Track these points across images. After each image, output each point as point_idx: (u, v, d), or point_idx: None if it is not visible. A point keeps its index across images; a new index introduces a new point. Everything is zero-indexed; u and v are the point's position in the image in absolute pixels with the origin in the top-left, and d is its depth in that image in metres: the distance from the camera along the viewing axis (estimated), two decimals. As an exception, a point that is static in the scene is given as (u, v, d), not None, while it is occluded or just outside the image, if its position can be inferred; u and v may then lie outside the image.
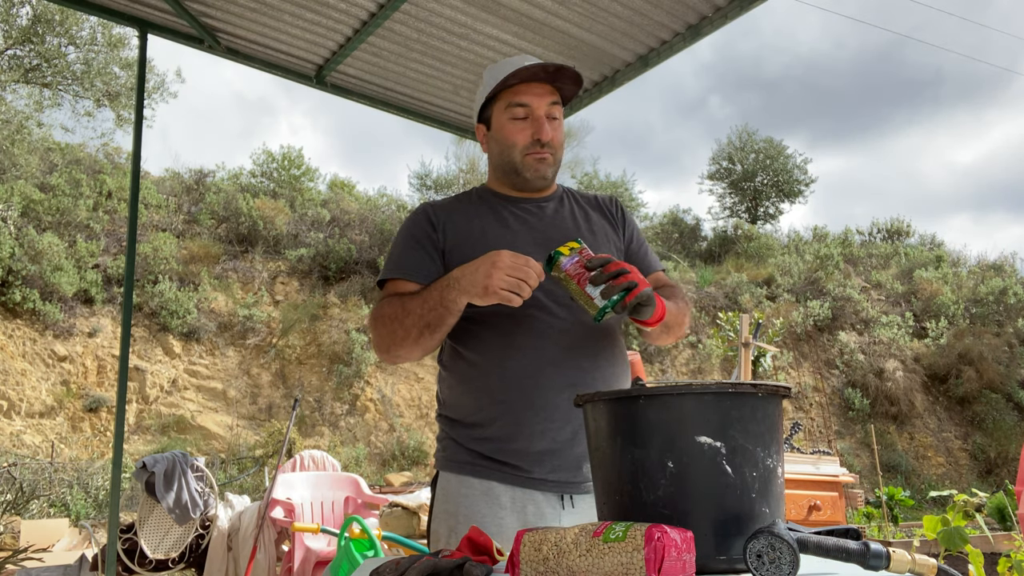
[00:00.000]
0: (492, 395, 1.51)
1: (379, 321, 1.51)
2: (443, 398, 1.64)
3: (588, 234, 1.63)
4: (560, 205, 1.68)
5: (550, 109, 1.57)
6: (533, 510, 1.48)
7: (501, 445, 1.50)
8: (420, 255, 1.57)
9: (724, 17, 3.44)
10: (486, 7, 3.49)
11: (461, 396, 1.57)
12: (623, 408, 1.08)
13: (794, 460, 3.97)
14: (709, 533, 0.98)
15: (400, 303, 1.48)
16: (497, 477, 1.50)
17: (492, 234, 1.57)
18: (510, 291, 1.33)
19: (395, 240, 1.64)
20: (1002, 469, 13.61)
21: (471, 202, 1.65)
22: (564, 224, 1.63)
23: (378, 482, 8.99)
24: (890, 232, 21.46)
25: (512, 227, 1.59)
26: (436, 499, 1.57)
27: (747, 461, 1.01)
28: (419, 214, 1.64)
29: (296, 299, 12.99)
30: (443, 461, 1.58)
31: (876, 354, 15.16)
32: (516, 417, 1.49)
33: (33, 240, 10.88)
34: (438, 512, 1.55)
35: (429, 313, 1.43)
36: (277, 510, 4.57)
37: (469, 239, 1.56)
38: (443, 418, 1.62)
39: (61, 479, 8.33)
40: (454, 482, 1.53)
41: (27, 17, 13.31)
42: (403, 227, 1.64)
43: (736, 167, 23.13)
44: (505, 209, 1.63)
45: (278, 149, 16.31)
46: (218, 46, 3.93)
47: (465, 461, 1.53)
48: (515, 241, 1.55)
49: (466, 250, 1.52)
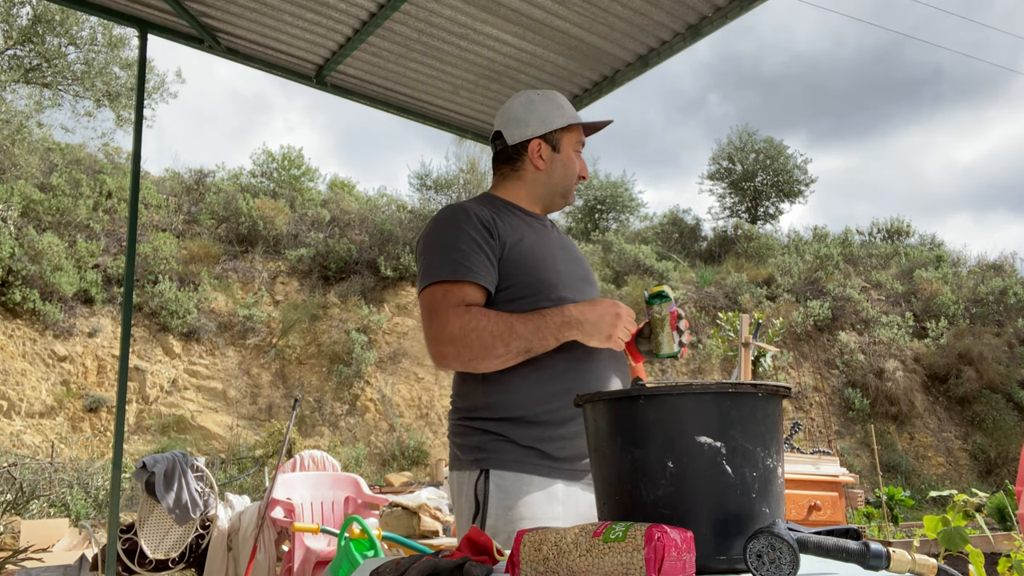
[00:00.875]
0: (566, 396, 1.56)
1: (477, 335, 1.51)
2: (489, 400, 1.61)
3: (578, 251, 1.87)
4: (551, 224, 1.86)
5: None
6: (586, 508, 1.54)
7: (569, 443, 1.56)
8: (483, 259, 1.60)
9: (724, 17, 3.44)
10: (486, 7, 3.49)
11: (525, 395, 1.58)
12: (623, 408, 1.08)
13: (794, 460, 3.96)
14: (709, 533, 0.98)
15: (505, 322, 1.52)
16: (558, 475, 1.55)
17: (544, 252, 1.69)
18: (623, 340, 1.54)
19: (449, 239, 1.62)
20: (1002, 469, 13.61)
21: (506, 212, 1.73)
22: (568, 242, 1.84)
23: (378, 482, 8.99)
24: (890, 232, 21.46)
25: (551, 245, 1.73)
26: (491, 497, 1.55)
27: (747, 461, 1.01)
28: (470, 216, 1.65)
29: (296, 299, 12.99)
30: (495, 460, 1.57)
31: (876, 354, 15.17)
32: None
33: (33, 240, 10.88)
34: (496, 510, 1.53)
35: (538, 343, 1.52)
36: (277, 510, 4.57)
37: (530, 254, 1.66)
38: (487, 420, 1.61)
39: (61, 479, 8.33)
40: (512, 479, 1.54)
41: (27, 17, 13.31)
42: (455, 226, 1.63)
43: (736, 167, 23.13)
44: (538, 224, 1.77)
45: (278, 149, 16.32)
46: (218, 46, 3.93)
47: (522, 460, 1.55)
48: (558, 258, 1.70)
49: (531, 266, 1.64)
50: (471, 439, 1.62)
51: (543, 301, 1.61)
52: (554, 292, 1.63)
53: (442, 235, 1.63)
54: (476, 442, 1.61)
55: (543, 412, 1.57)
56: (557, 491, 1.55)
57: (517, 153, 1.79)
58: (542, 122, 1.77)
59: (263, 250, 13.67)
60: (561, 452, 1.56)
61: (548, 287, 1.64)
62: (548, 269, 1.66)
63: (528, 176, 1.78)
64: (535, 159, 1.77)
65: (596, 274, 9.03)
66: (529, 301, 1.60)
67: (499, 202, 1.76)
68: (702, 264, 18.35)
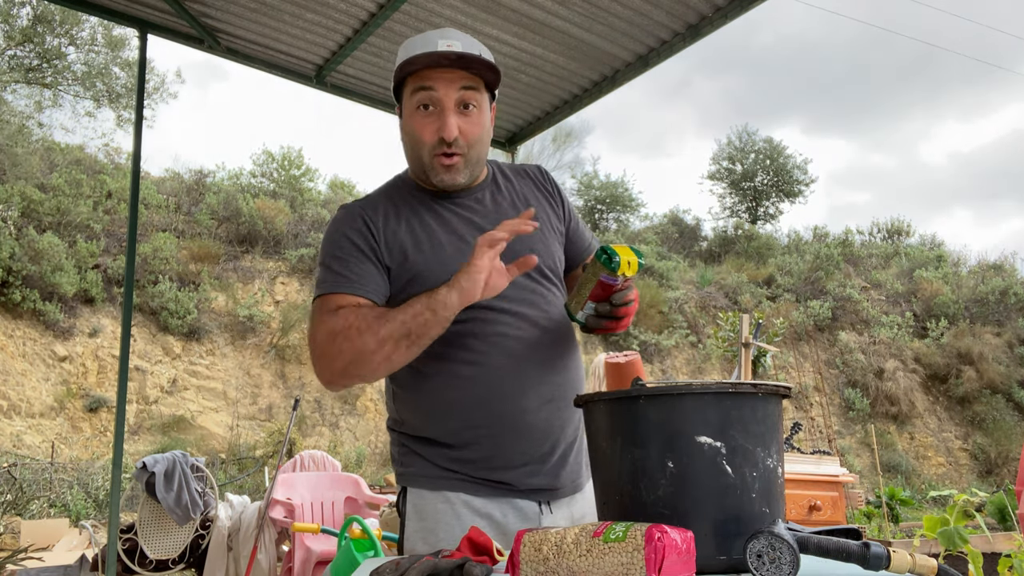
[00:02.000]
0: (466, 419, 1.40)
1: (335, 336, 1.30)
2: (401, 417, 1.50)
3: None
4: (497, 191, 1.53)
5: (463, 95, 1.39)
6: (514, 518, 1.43)
7: (480, 465, 1.42)
8: (370, 267, 1.40)
9: (724, 17, 3.44)
10: (486, 7, 3.49)
11: (427, 418, 1.45)
12: (623, 408, 1.08)
13: (794, 460, 3.96)
14: (709, 533, 0.98)
15: (375, 313, 1.30)
16: (474, 491, 1.42)
17: (448, 246, 1.43)
18: (500, 275, 1.27)
19: (330, 248, 1.43)
20: (1002, 469, 13.61)
21: (403, 202, 1.47)
22: (508, 216, 1.46)
23: (378, 482, 8.99)
24: (890, 232, 21.46)
25: (463, 234, 1.44)
26: (408, 517, 1.45)
27: (747, 461, 1.01)
28: (351, 218, 1.45)
29: (296, 299, 12.99)
30: (412, 477, 1.46)
31: (876, 354, 15.17)
32: (495, 440, 1.41)
33: (33, 240, 10.88)
34: (413, 530, 1.43)
35: (416, 324, 1.26)
36: (277, 510, 4.57)
37: (422, 252, 1.42)
38: (403, 435, 1.50)
39: (61, 479, 8.33)
40: (429, 497, 1.43)
41: (27, 17, 13.32)
42: (337, 232, 1.44)
43: (736, 167, 23.14)
44: (444, 208, 1.47)
45: (278, 149, 16.31)
46: (218, 46, 3.93)
47: (439, 476, 1.43)
48: (467, 251, 1.37)
49: (427, 269, 1.40)
50: (394, 451, 1.53)
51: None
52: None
53: (325, 245, 1.46)
54: (397, 455, 1.52)
55: (443, 435, 1.43)
56: (477, 505, 1.41)
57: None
58: (392, 87, 1.48)
59: (263, 250, 13.67)
60: (474, 471, 1.42)
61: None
62: (443, 268, 1.37)
63: (404, 154, 1.50)
64: (400, 128, 1.49)
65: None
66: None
67: (411, 188, 1.51)
68: (702, 264, 18.35)
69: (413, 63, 1.36)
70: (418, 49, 1.37)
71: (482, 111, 1.43)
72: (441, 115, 1.38)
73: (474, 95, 1.40)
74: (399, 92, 1.46)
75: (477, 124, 1.41)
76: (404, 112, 1.44)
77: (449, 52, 1.35)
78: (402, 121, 1.45)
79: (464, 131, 1.39)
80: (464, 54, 1.35)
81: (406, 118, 1.43)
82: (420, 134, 1.40)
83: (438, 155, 1.40)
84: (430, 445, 1.45)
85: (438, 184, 1.44)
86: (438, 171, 1.42)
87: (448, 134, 1.37)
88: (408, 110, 1.42)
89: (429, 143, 1.40)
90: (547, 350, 1.45)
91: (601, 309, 1.34)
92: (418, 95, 1.39)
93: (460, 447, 1.42)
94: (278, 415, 11.24)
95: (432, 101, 1.38)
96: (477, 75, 1.40)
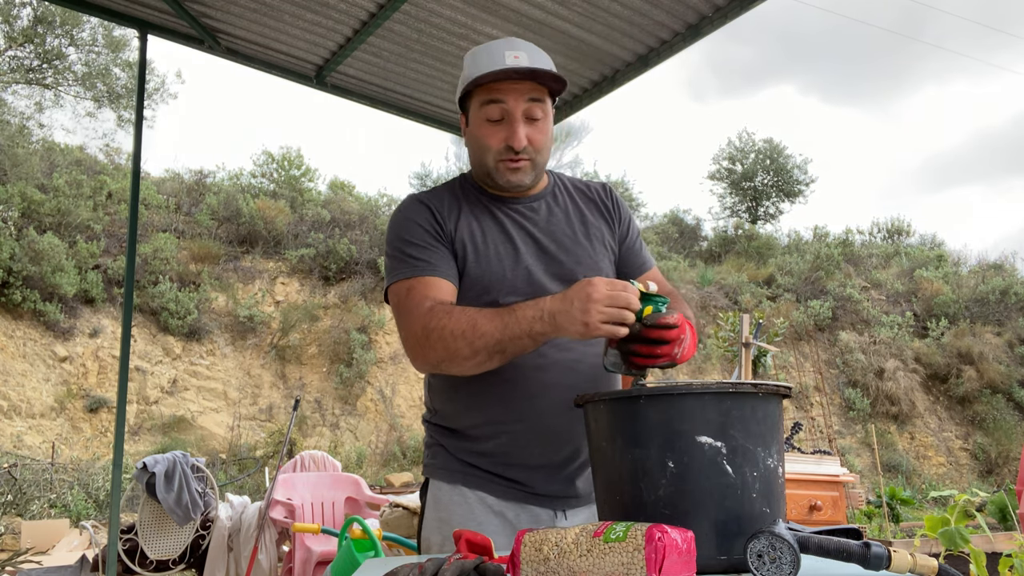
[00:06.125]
0: (491, 414, 1.45)
1: (430, 333, 1.35)
2: (434, 406, 1.57)
3: (584, 240, 1.55)
4: (554, 202, 1.58)
5: (530, 108, 1.44)
6: (528, 521, 1.46)
7: (498, 460, 1.46)
8: (443, 252, 1.46)
9: (724, 17, 3.44)
10: (486, 7, 3.49)
11: (457, 409, 1.51)
12: (624, 408, 1.08)
13: (795, 460, 3.96)
14: (710, 533, 0.98)
15: (469, 320, 1.32)
16: (490, 489, 1.46)
17: (500, 247, 1.49)
18: (612, 324, 1.18)
19: (402, 234, 1.49)
20: (1003, 469, 13.60)
21: (464, 199, 1.54)
22: (560, 227, 1.54)
23: (378, 482, 8.99)
24: (891, 231, 21.46)
25: (514, 238, 1.50)
26: (427, 507, 1.52)
27: (748, 461, 1.01)
28: (420, 207, 1.51)
29: (296, 299, 12.99)
30: (433, 469, 1.53)
31: (877, 354, 15.16)
32: (515, 438, 1.45)
33: (34, 241, 10.88)
34: (430, 520, 1.50)
35: (510, 342, 1.29)
36: (278, 510, 4.57)
37: (476, 250, 1.48)
38: (434, 426, 1.57)
39: (62, 480, 8.33)
40: (447, 491, 1.48)
41: (28, 18, 13.32)
42: (406, 220, 1.50)
43: (736, 167, 23.16)
44: (500, 212, 1.53)
45: (278, 150, 16.31)
46: (218, 47, 3.93)
47: (458, 470, 1.48)
48: (518, 257, 1.48)
49: (476, 266, 1.46)
50: (425, 442, 1.59)
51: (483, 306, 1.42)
52: (488, 297, 1.45)
53: (396, 232, 1.51)
54: (425, 447, 1.58)
55: (468, 427, 1.49)
56: (491, 504, 1.46)
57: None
58: (457, 95, 1.52)
59: (263, 250, 13.67)
60: (493, 468, 1.46)
61: (485, 291, 1.46)
62: (493, 266, 1.47)
63: (469, 158, 1.55)
64: (464, 133, 1.55)
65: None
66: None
67: (471, 188, 1.57)
68: (702, 264, 18.34)
69: (484, 78, 1.41)
70: (485, 64, 1.42)
71: (547, 118, 1.49)
72: (510, 125, 1.44)
73: (540, 105, 1.46)
74: (464, 102, 1.52)
75: (543, 131, 1.47)
76: (471, 121, 1.50)
77: (521, 68, 1.40)
78: (468, 129, 1.51)
79: (531, 139, 1.46)
80: (535, 69, 1.41)
81: (474, 127, 1.49)
82: (488, 141, 1.46)
83: (504, 160, 1.47)
84: (454, 437, 1.51)
85: (504, 185, 1.50)
86: (504, 174, 1.48)
87: (517, 144, 1.44)
88: (476, 120, 1.48)
89: (496, 149, 1.46)
90: (579, 357, 1.47)
91: (623, 347, 1.25)
92: (487, 108, 1.44)
93: (481, 440, 1.47)
94: (278, 415, 11.24)
95: (501, 113, 1.44)
96: (543, 85, 1.46)
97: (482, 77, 1.41)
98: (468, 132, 1.51)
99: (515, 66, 1.40)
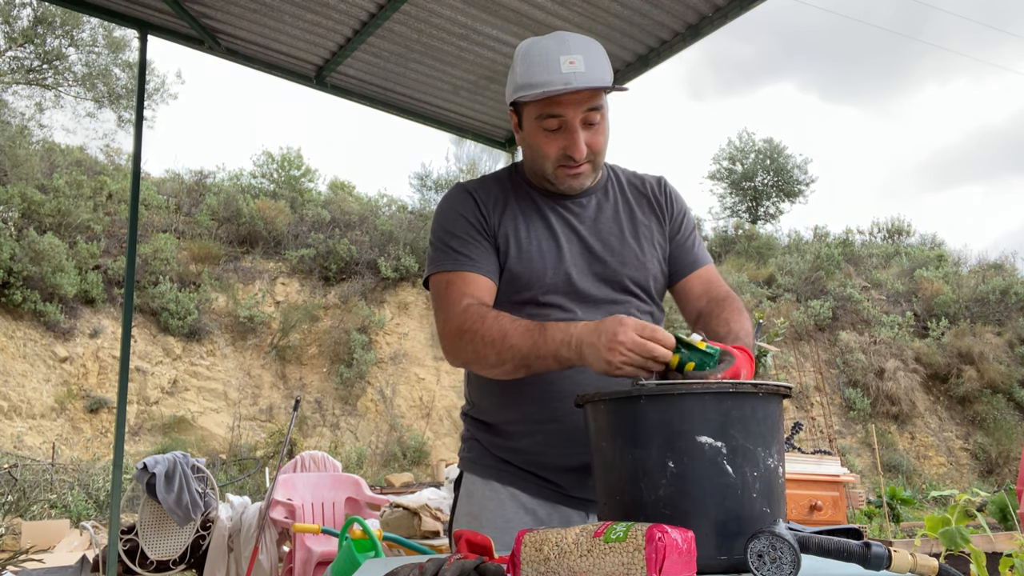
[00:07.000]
0: (526, 412, 1.46)
1: (463, 334, 1.36)
2: (472, 400, 1.58)
3: (631, 239, 1.52)
4: (604, 198, 1.55)
5: (588, 115, 1.40)
6: (558, 523, 1.46)
7: (531, 459, 1.47)
8: (484, 246, 1.45)
9: (724, 17, 3.44)
10: (486, 7, 3.49)
11: (494, 404, 1.52)
12: (624, 408, 1.08)
13: (795, 460, 3.96)
14: (710, 533, 0.98)
15: (500, 330, 1.32)
16: (523, 487, 1.47)
17: (543, 244, 1.47)
18: (635, 369, 1.15)
19: (447, 225, 1.49)
20: (1003, 469, 13.60)
21: (513, 192, 1.52)
22: (607, 226, 1.51)
23: (379, 482, 8.99)
24: (891, 231, 21.46)
25: (558, 236, 1.48)
26: (459, 500, 1.54)
27: (748, 461, 1.01)
28: (467, 198, 1.49)
29: (297, 300, 12.99)
30: (468, 463, 1.55)
31: (877, 353, 15.16)
32: (549, 437, 1.45)
33: (34, 241, 10.88)
34: (461, 514, 1.52)
35: (536, 360, 1.29)
36: (278, 511, 4.57)
37: (519, 246, 1.47)
38: (471, 419, 1.58)
39: (62, 480, 8.34)
40: (480, 485, 1.50)
41: (28, 19, 13.33)
42: (451, 210, 1.49)
43: (736, 167, 23.16)
44: (548, 207, 1.50)
45: (278, 150, 16.31)
46: (218, 47, 3.93)
47: (491, 466, 1.50)
48: (561, 256, 1.46)
49: (517, 260, 1.46)
50: (462, 435, 1.61)
51: (519, 308, 1.43)
52: (527, 294, 1.45)
53: (441, 222, 1.51)
54: (463, 440, 1.60)
55: (505, 422, 1.50)
56: (522, 501, 1.47)
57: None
58: (509, 88, 1.46)
59: (263, 251, 13.67)
60: (526, 465, 1.47)
61: (525, 287, 1.46)
62: (534, 265, 1.46)
63: (523, 156, 1.54)
64: (515, 133, 1.51)
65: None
66: (507, 306, 1.43)
67: (521, 182, 1.54)
68: (703, 264, 18.33)
69: (542, 92, 1.35)
70: (540, 73, 1.36)
71: (604, 119, 1.45)
72: (569, 135, 1.40)
73: (597, 114, 1.42)
74: (516, 103, 1.45)
75: (601, 133, 1.44)
76: (526, 128, 1.45)
77: (581, 88, 1.34)
78: (523, 133, 1.47)
79: (590, 144, 1.42)
80: (595, 88, 1.36)
81: (530, 135, 1.44)
82: (545, 149, 1.42)
83: (563, 167, 1.44)
84: (490, 432, 1.52)
85: (565, 191, 1.48)
86: (564, 180, 1.46)
87: (579, 155, 1.40)
88: (532, 128, 1.43)
89: (554, 157, 1.43)
90: None
91: (662, 377, 1.16)
92: (545, 120, 1.40)
93: (516, 437, 1.48)
94: (278, 416, 11.24)
95: (560, 124, 1.40)
96: (601, 91, 1.42)
97: (538, 94, 1.35)
98: (523, 137, 1.47)
99: (574, 84, 1.34)
